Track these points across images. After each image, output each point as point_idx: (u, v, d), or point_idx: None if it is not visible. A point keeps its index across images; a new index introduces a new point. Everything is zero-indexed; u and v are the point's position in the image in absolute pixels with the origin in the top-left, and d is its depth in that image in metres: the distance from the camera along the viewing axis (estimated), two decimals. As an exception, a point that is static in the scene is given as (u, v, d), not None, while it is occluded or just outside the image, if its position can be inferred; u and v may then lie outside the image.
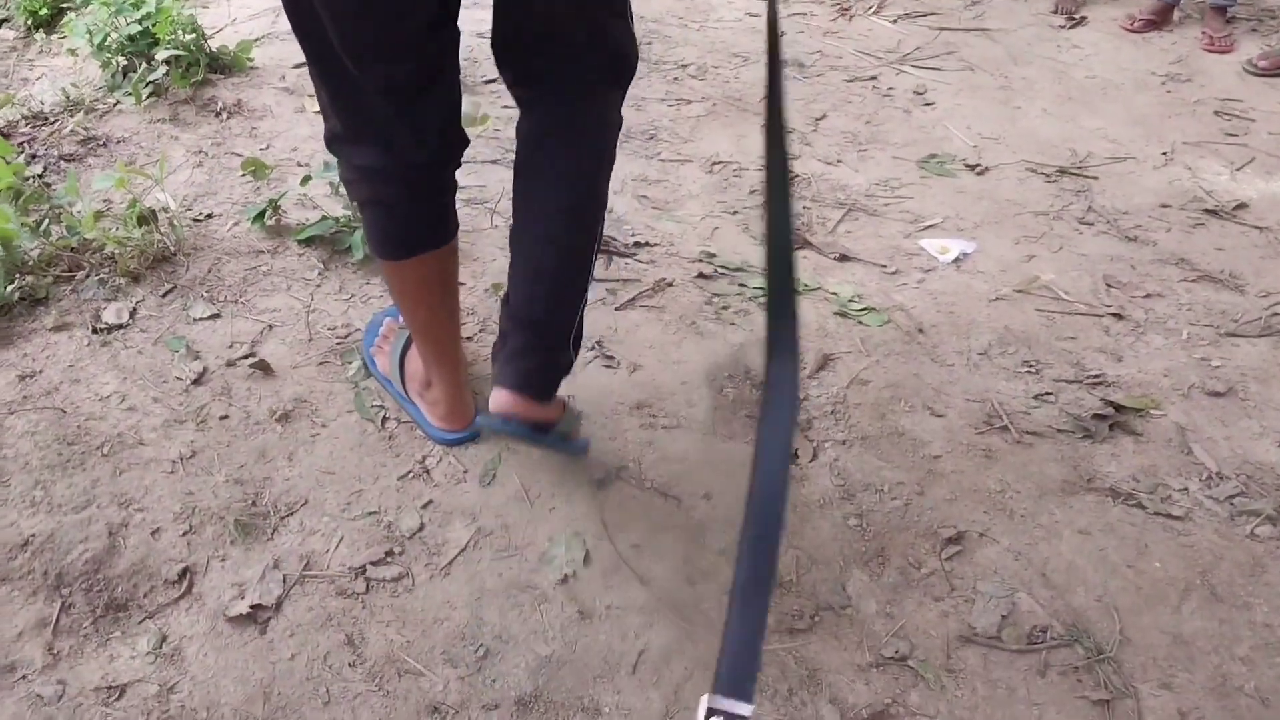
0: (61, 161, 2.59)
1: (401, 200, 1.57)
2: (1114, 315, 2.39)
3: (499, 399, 1.58)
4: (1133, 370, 2.22)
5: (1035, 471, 1.94)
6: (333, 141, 1.56)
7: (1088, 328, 2.35)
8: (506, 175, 2.78)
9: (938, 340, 2.28)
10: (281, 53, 3.19)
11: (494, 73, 3.37)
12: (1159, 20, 3.96)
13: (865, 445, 1.96)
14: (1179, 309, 2.44)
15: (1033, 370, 2.21)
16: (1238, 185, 2.98)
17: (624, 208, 2.70)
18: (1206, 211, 2.85)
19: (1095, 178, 2.99)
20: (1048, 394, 2.14)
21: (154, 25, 2.87)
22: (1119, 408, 2.10)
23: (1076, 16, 4.04)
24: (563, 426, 1.68)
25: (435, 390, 1.84)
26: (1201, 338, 2.33)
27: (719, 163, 2.98)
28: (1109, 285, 2.51)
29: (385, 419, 1.93)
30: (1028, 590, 1.70)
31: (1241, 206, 2.87)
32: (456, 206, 1.66)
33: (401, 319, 1.90)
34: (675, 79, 3.43)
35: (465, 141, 1.59)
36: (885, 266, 2.54)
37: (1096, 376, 2.19)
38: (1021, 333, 2.31)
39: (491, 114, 3.03)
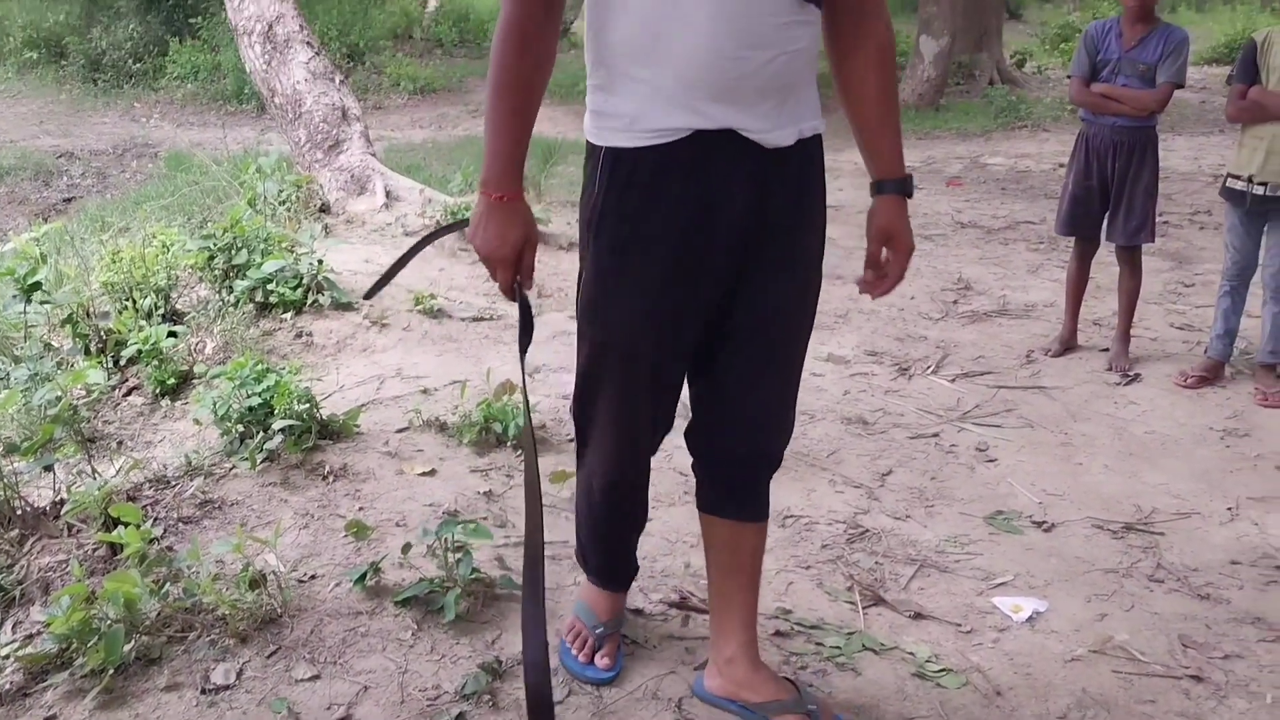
0: (180, 524, 2.81)
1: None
2: (1193, 677, 2.39)
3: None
4: (1218, 737, 2.20)
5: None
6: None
7: (1166, 690, 2.36)
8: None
9: (1016, 704, 2.29)
10: (385, 417, 3.47)
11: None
12: (1211, 376, 4.14)
13: (949, 817, 1.95)
14: (1260, 671, 2.43)
15: (1115, 736, 2.20)
16: (1306, 541, 3.03)
17: (700, 562, 2.81)
18: (1278, 569, 2.88)
19: (1162, 534, 3.06)
20: (1132, 762, 2.12)
21: (272, 397, 3.17)
22: (1207, 778, 2.07)
23: (1130, 373, 4.23)
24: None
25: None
26: (1286, 702, 2.32)
27: (790, 517, 3.10)
28: (1185, 645, 2.52)
29: (472, 783, 1.98)
30: None
31: (1313, 563, 2.91)
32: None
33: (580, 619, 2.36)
34: (747, 437, 3.63)
35: None
36: (960, 625, 2.59)
37: (1181, 743, 2.18)
38: (1099, 696, 2.32)
39: (572, 471, 3.21)
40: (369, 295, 2.24)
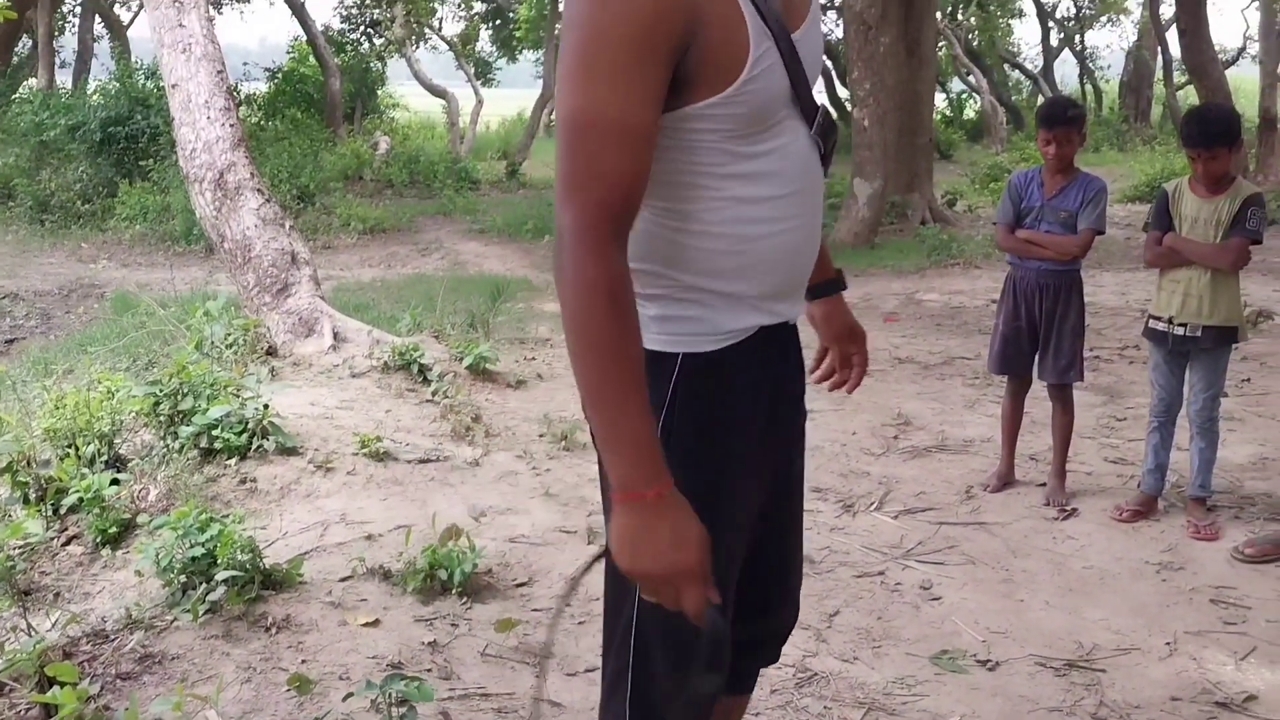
0: (119, 680, 2.75)
1: None
2: (1139, 820, 2.41)
3: None
4: None
5: None
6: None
7: (1114, 834, 2.36)
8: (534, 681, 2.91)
9: None
10: (328, 565, 3.45)
11: (524, 575, 3.61)
12: (1145, 510, 4.24)
13: None
14: (1204, 811, 2.45)
15: None
16: (1244, 676, 3.08)
17: None
18: (1217, 704, 2.93)
19: (1104, 670, 3.10)
20: None
21: (216, 547, 3.14)
22: None
23: (1067, 508, 4.32)
24: None
25: None
26: (1230, 843, 2.34)
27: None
28: (1131, 788, 2.54)
29: None
30: None
31: (1251, 699, 2.95)
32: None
33: None
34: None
35: None
36: (908, 772, 2.59)
37: None
38: (1048, 841, 2.32)
39: (520, 618, 3.21)
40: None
